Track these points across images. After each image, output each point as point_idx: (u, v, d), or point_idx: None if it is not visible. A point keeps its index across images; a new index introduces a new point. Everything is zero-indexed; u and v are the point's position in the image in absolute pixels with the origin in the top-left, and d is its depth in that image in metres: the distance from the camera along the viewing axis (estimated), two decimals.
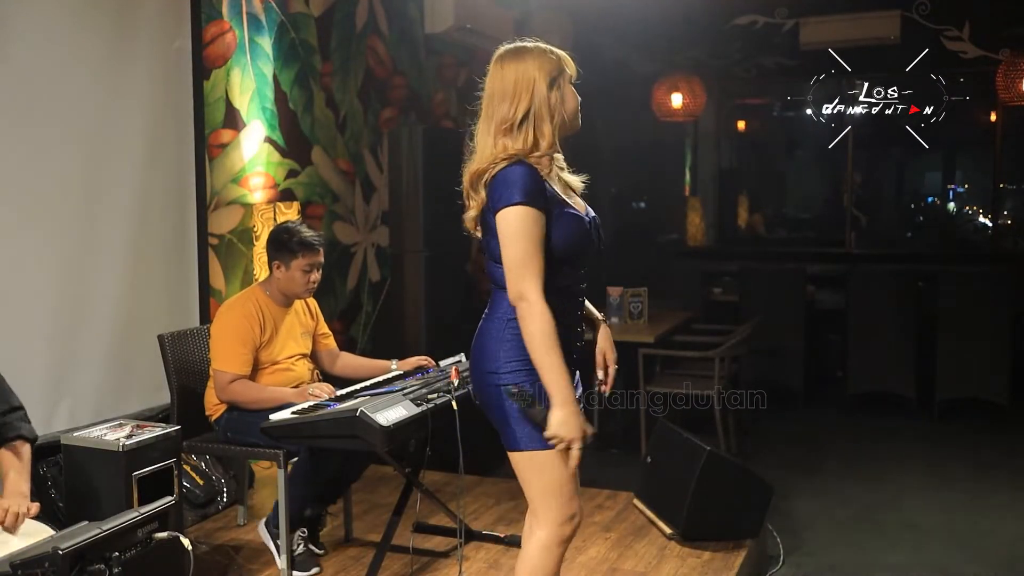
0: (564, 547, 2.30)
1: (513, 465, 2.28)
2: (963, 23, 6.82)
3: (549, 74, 2.23)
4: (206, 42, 4.27)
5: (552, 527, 2.26)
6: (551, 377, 2.14)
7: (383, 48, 5.67)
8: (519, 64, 2.23)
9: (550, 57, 2.25)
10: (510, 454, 2.27)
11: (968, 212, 10.70)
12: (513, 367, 2.22)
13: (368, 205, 5.57)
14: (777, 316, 6.44)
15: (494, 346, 2.26)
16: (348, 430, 2.86)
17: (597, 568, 3.46)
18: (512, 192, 2.14)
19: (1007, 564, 3.94)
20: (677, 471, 3.73)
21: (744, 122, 10.27)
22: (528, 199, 2.14)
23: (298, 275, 3.45)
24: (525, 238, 2.14)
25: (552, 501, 2.25)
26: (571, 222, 2.23)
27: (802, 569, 3.85)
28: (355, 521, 3.82)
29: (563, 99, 2.25)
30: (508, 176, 2.17)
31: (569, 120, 2.28)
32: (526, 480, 2.27)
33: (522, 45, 2.29)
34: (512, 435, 2.24)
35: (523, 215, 2.14)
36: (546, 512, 2.26)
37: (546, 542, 2.27)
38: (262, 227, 4.36)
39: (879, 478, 5.07)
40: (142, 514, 2.19)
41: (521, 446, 2.23)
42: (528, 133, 2.21)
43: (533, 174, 2.18)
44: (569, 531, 2.28)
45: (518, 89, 2.21)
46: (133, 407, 3.84)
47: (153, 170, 3.99)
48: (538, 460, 2.22)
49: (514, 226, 2.15)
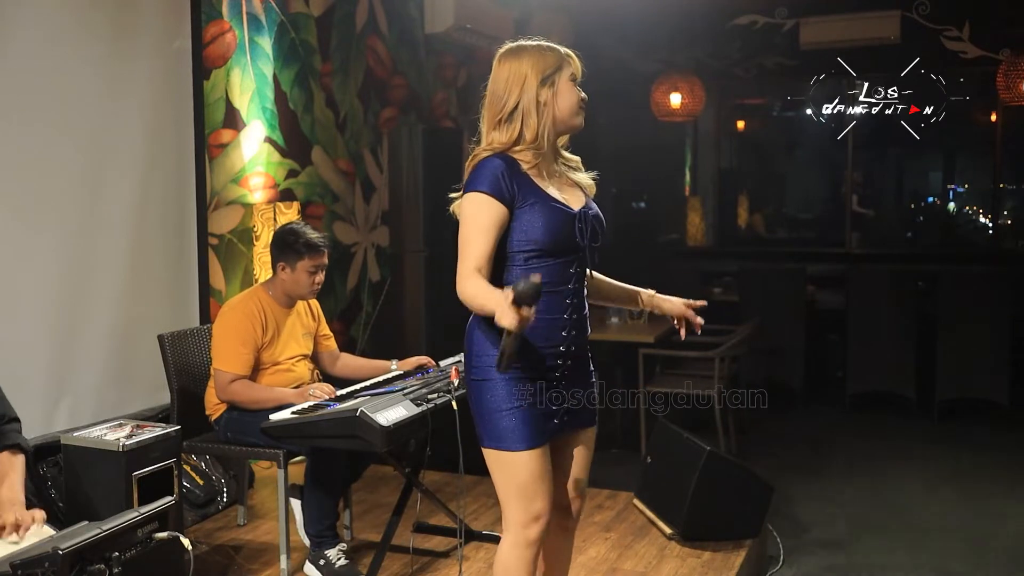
0: (532, 549, 2.29)
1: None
2: (963, 23, 6.82)
3: (543, 71, 2.24)
4: (206, 42, 4.28)
5: (515, 528, 2.27)
6: (484, 303, 2.09)
7: (383, 48, 5.67)
8: (514, 61, 2.27)
9: (547, 55, 2.27)
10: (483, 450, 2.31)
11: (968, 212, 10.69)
12: (480, 362, 2.26)
13: (368, 205, 5.57)
14: (777, 316, 6.44)
15: (466, 342, 2.32)
16: (348, 430, 2.86)
17: (597, 568, 3.46)
18: (475, 181, 2.20)
19: (1007, 564, 3.94)
20: (677, 471, 3.73)
21: (744, 122, 10.25)
22: (487, 188, 2.18)
23: (303, 276, 3.45)
24: (471, 223, 2.19)
25: (514, 502, 2.26)
26: (549, 213, 2.23)
27: (802, 569, 3.85)
28: (355, 521, 3.82)
29: (556, 95, 2.25)
30: (479, 167, 2.22)
31: (565, 117, 2.27)
32: (493, 477, 2.30)
33: (522, 44, 2.31)
34: (479, 432, 2.29)
35: (476, 201, 2.19)
36: (509, 512, 2.28)
37: (510, 542, 2.28)
38: (262, 227, 4.36)
39: (879, 478, 5.07)
40: (142, 514, 2.18)
41: (485, 444, 2.27)
42: (515, 127, 2.24)
43: (502, 166, 2.20)
44: (535, 533, 2.27)
45: (509, 85, 2.25)
46: (133, 407, 3.84)
47: (153, 170, 3.99)
48: (499, 459, 2.25)
49: (466, 212, 2.21)
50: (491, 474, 2.29)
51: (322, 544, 3.28)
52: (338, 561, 3.25)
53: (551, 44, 2.31)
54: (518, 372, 2.23)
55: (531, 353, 2.24)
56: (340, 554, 3.27)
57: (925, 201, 11.16)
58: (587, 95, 2.34)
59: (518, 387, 2.24)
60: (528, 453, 2.24)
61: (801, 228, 10.52)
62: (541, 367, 2.27)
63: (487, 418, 2.25)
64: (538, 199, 2.23)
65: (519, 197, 2.21)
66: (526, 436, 2.23)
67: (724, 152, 10.03)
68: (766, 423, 6.07)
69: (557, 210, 2.25)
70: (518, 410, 2.23)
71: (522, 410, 2.24)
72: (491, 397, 2.24)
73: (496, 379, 2.23)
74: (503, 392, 2.23)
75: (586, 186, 2.41)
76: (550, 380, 2.29)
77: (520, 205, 2.21)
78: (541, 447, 2.26)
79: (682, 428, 3.96)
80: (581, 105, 2.30)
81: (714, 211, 9.64)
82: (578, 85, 2.32)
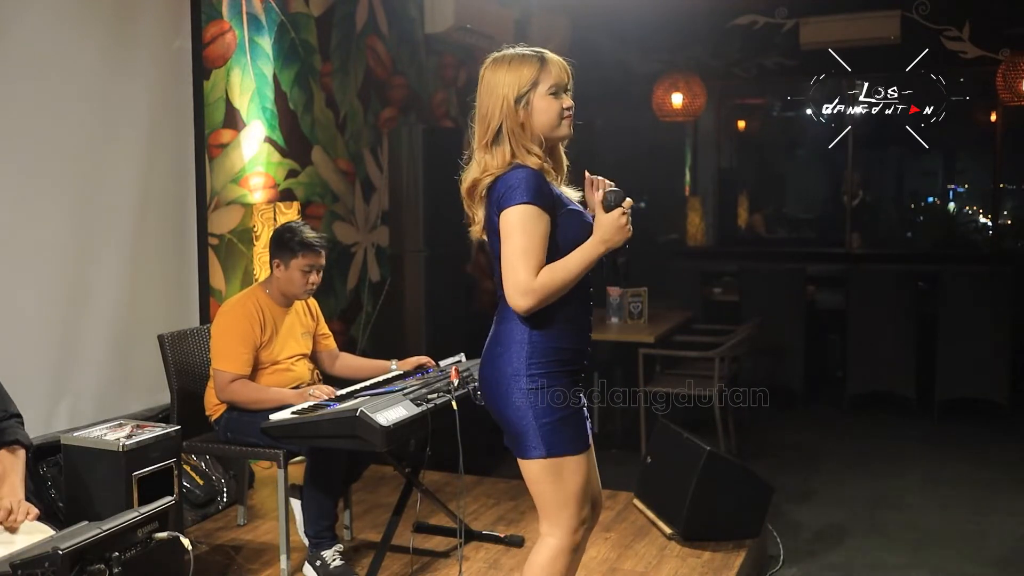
0: (574, 554, 2.31)
1: (526, 473, 2.27)
2: (963, 23, 6.82)
3: (519, 89, 2.21)
4: (206, 42, 4.28)
5: (566, 534, 2.27)
6: (583, 264, 2.20)
7: (383, 48, 5.67)
8: (493, 80, 2.24)
9: (524, 71, 2.22)
10: (524, 462, 2.25)
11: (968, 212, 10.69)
12: (534, 370, 2.22)
13: (368, 205, 5.57)
14: (777, 316, 6.44)
15: (515, 349, 2.24)
16: (348, 430, 2.86)
17: (597, 568, 3.46)
18: (515, 193, 2.16)
19: (1007, 564, 3.94)
20: (677, 471, 3.73)
21: (744, 122, 10.26)
22: (532, 198, 2.16)
23: (297, 275, 3.44)
24: (525, 234, 2.16)
25: (568, 508, 2.26)
26: (578, 219, 2.27)
27: (802, 569, 3.85)
28: (355, 521, 3.82)
29: (531, 115, 2.22)
30: (510, 179, 2.18)
31: (546, 132, 2.24)
32: (541, 488, 2.26)
33: (501, 56, 2.28)
34: (529, 443, 2.23)
35: (525, 212, 2.16)
36: (560, 519, 2.26)
37: (558, 549, 2.27)
38: (262, 227, 4.36)
39: (879, 478, 5.07)
40: (142, 514, 2.19)
41: (538, 453, 2.22)
42: (505, 150, 2.22)
43: (536, 175, 2.20)
44: (580, 536, 2.30)
45: (491, 109, 2.23)
46: (133, 407, 3.84)
47: (153, 170, 3.99)
48: (557, 467, 2.22)
49: (515, 223, 2.16)
50: (538, 484, 2.25)
51: (320, 545, 3.28)
52: (333, 562, 3.24)
53: (531, 54, 2.26)
54: (563, 378, 2.23)
55: (568, 356, 2.25)
56: (336, 555, 3.27)
57: (925, 201, 11.16)
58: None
59: (564, 392, 2.23)
60: (585, 456, 2.27)
61: (801, 228, 10.52)
62: (578, 369, 2.29)
63: (541, 426, 2.21)
64: (567, 206, 2.26)
65: (557, 205, 2.23)
66: (582, 439, 2.26)
67: (724, 152, 10.03)
68: (766, 423, 6.07)
69: (581, 215, 2.29)
70: (572, 414, 2.24)
71: (575, 414, 2.25)
72: (543, 404, 2.21)
73: (546, 387, 2.21)
74: (553, 397, 2.22)
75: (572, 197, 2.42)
76: (579, 382, 2.31)
77: (559, 212, 2.23)
78: (590, 449, 2.30)
79: (682, 428, 3.96)
80: (563, 116, 2.26)
81: (714, 211, 9.64)
82: (569, 89, 2.28)
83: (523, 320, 2.23)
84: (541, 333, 2.22)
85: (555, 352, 2.23)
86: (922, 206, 11.15)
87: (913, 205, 11.15)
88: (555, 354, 2.23)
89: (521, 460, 2.26)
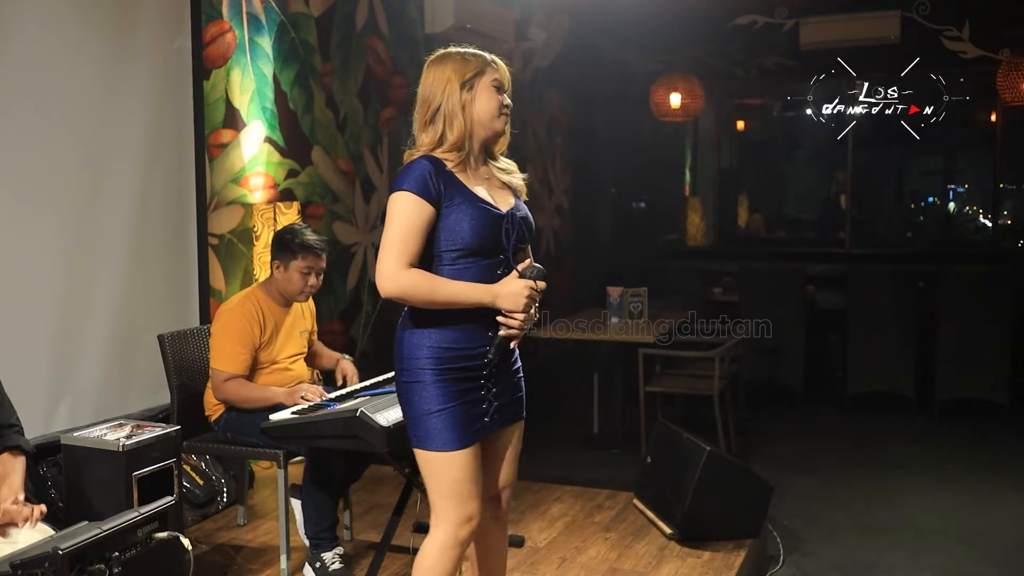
0: (461, 549, 2.32)
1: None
2: (963, 23, 6.82)
3: (463, 76, 2.29)
4: (206, 42, 4.28)
5: (448, 528, 2.29)
6: (458, 298, 2.22)
7: (383, 48, 5.67)
8: (439, 67, 2.33)
9: (470, 61, 2.32)
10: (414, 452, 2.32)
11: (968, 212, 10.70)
12: (409, 364, 2.27)
13: (368, 205, 5.57)
14: (777, 316, 6.44)
15: (397, 345, 2.32)
16: (348, 430, 2.86)
17: (597, 568, 3.47)
18: (401, 180, 2.24)
19: (1008, 564, 3.94)
20: (677, 471, 3.73)
21: (744, 122, 10.26)
22: (412, 187, 2.21)
23: (296, 277, 3.44)
24: (399, 221, 2.21)
25: (447, 502, 2.28)
26: (475, 213, 2.26)
27: (802, 569, 3.85)
28: (355, 521, 3.82)
29: (474, 99, 2.29)
30: (407, 168, 2.27)
31: (484, 120, 2.31)
32: (424, 477, 2.32)
33: (449, 51, 2.37)
34: (410, 434, 2.30)
35: (402, 200, 2.22)
36: (441, 512, 2.29)
37: (442, 543, 2.29)
38: (262, 227, 4.36)
39: (879, 478, 5.07)
40: (142, 514, 2.19)
41: (417, 445, 2.29)
42: (438, 128, 2.30)
43: (429, 167, 2.24)
44: (466, 533, 2.30)
45: (434, 89, 2.31)
46: (133, 407, 3.84)
47: (153, 170, 3.99)
48: (432, 460, 2.27)
49: (394, 210, 2.23)
50: (423, 475, 2.32)
51: (320, 546, 3.27)
52: (332, 565, 3.24)
53: (477, 52, 2.37)
54: (448, 374, 2.25)
55: (460, 355, 2.27)
56: (336, 558, 3.27)
57: (925, 201, 11.16)
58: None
59: (448, 388, 2.25)
60: (460, 453, 2.26)
61: (801, 228, 10.52)
62: (471, 368, 2.29)
63: (418, 420, 2.27)
64: (465, 199, 2.26)
65: (445, 197, 2.24)
66: (457, 437, 2.26)
67: (724, 152, 10.03)
68: (766, 423, 6.07)
69: (484, 210, 2.28)
70: (449, 411, 2.25)
71: (452, 411, 2.25)
72: (421, 399, 2.26)
73: (426, 381, 2.25)
74: (433, 394, 2.25)
75: (517, 187, 2.43)
76: (478, 380, 2.30)
77: (447, 204, 2.24)
78: (472, 447, 2.28)
79: (682, 428, 3.96)
80: (501, 110, 2.33)
81: (714, 211, 9.65)
82: (508, 92, 2.37)
83: (408, 316, 2.30)
84: (421, 332, 2.27)
85: (433, 351, 2.25)
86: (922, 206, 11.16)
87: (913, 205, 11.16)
88: (432, 352, 2.25)
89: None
